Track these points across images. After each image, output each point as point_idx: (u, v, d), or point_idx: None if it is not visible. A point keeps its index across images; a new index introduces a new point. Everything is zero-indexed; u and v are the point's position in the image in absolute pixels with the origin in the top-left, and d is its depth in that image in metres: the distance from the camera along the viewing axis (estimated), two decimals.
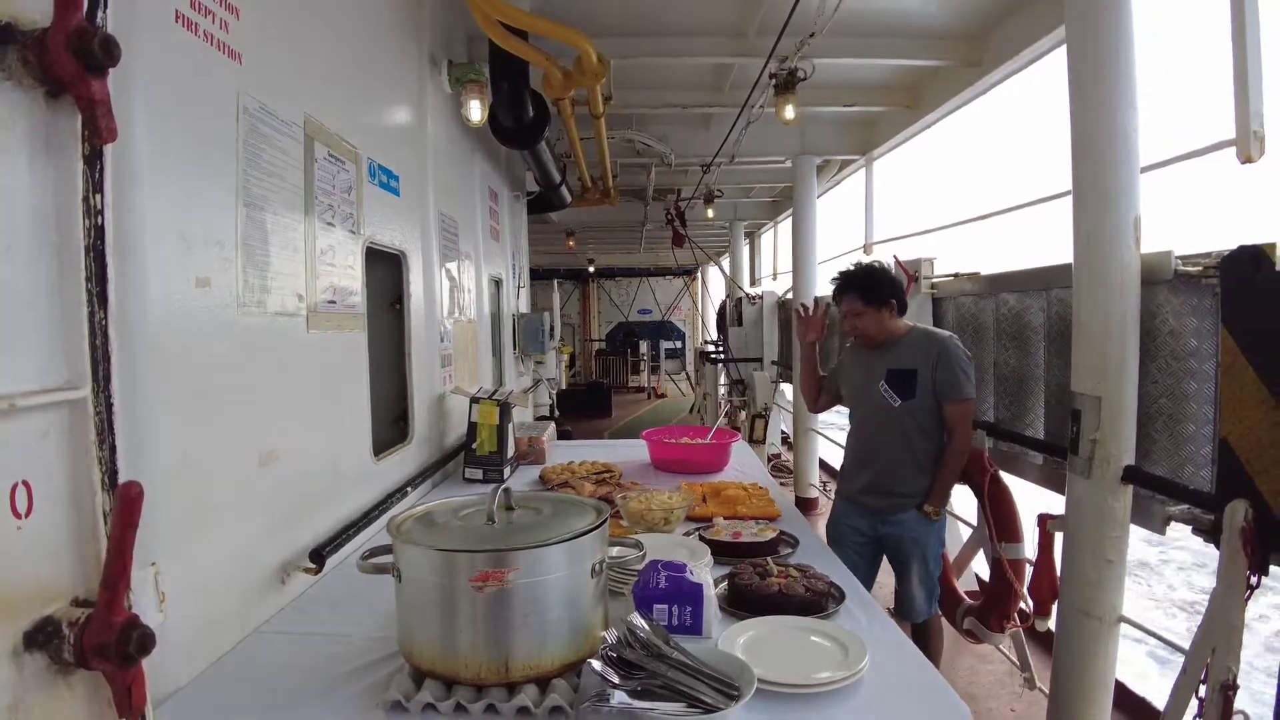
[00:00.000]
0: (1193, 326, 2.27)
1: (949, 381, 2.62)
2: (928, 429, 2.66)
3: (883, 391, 2.67)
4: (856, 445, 2.79)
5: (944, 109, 4.22)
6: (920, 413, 2.65)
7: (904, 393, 2.64)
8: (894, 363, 2.68)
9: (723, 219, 8.77)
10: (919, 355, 2.65)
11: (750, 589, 1.72)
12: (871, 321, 2.68)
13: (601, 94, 3.58)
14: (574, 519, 1.48)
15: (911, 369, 2.65)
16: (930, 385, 2.62)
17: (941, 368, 2.61)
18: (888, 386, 2.66)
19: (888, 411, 2.67)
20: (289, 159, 1.91)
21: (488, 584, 1.32)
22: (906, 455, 2.66)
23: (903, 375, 2.66)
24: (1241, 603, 1.88)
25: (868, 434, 2.74)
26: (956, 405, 2.63)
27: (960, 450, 2.66)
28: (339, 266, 2.23)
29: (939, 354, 2.62)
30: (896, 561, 2.76)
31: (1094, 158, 2.27)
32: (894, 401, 2.65)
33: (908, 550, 2.70)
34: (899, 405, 2.65)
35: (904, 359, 2.67)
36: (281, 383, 1.89)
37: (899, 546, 2.72)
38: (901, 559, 2.73)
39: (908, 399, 2.64)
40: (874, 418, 2.71)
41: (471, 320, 3.82)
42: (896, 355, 2.69)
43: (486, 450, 3.02)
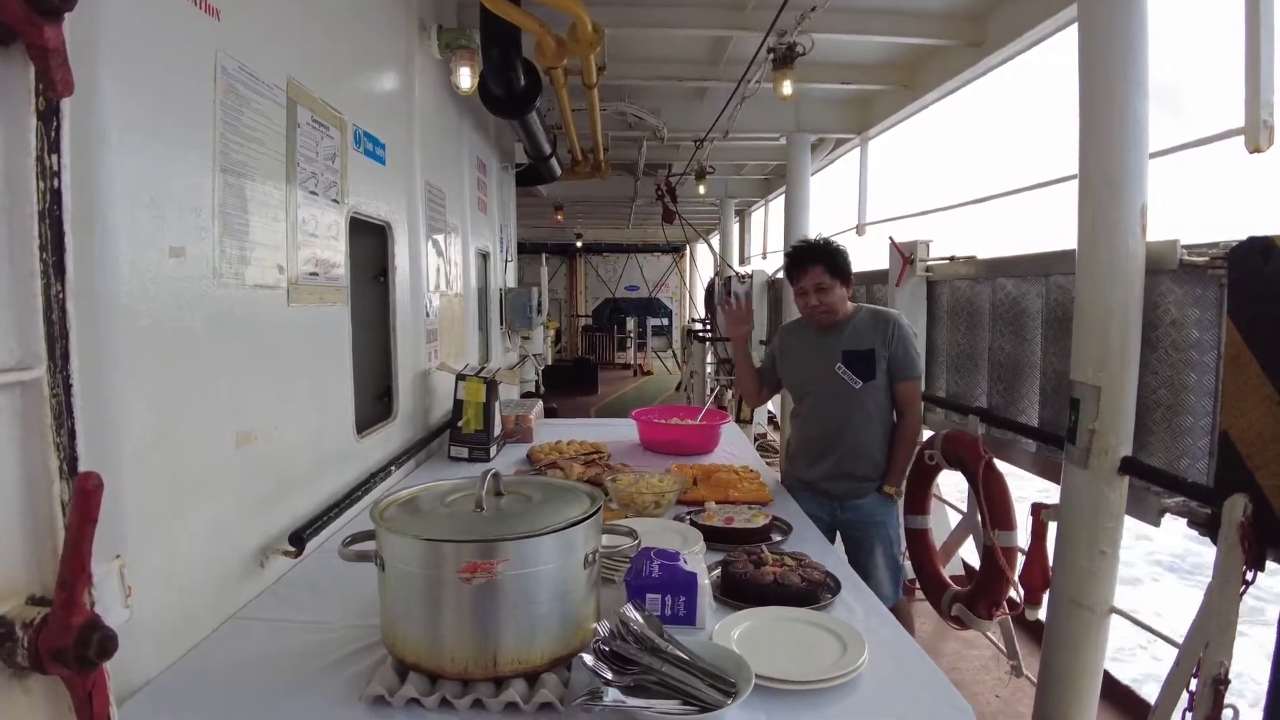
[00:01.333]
0: (1195, 317, 2.23)
1: (903, 360, 2.58)
2: (885, 410, 2.63)
3: (841, 374, 2.60)
4: (815, 432, 2.70)
5: (942, 89, 4.14)
6: (879, 393, 2.61)
7: (864, 374, 2.59)
8: (848, 344, 2.61)
9: (713, 196, 8.67)
10: (873, 334, 2.60)
11: (745, 578, 1.68)
12: (839, 298, 2.61)
13: (595, 64, 3.48)
14: (566, 506, 1.43)
15: (869, 349, 2.59)
16: (886, 365, 2.58)
17: (896, 345, 2.57)
18: (846, 368, 2.60)
19: (848, 394, 2.60)
20: (270, 123, 1.82)
21: (476, 575, 1.26)
22: (869, 437, 2.62)
23: (861, 356, 2.59)
24: (1236, 597, 1.86)
25: (828, 419, 2.66)
26: (909, 383, 2.59)
27: (914, 428, 2.63)
28: (322, 237, 2.14)
29: (894, 332, 2.58)
30: (858, 548, 2.71)
31: (1102, 142, 2.22)
32: (855, 384, 2.59)
33: (870, 534, 2.67)
34: (860, 387, 2.59)
35: (859, 339, 2.61)
36: (261, 359, 1.81)
37: (860, 532, 2.68)
38: (865, 543, 2.69)
39: (868, 380, 2.58)
40: (834, 401, 2.64)
41: (458, 294, 3.74)
42: (849, 336, 2.62)
43: (472, 429, 2.95)
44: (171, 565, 1.46)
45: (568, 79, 3.68)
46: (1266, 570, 1.88)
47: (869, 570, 2.71)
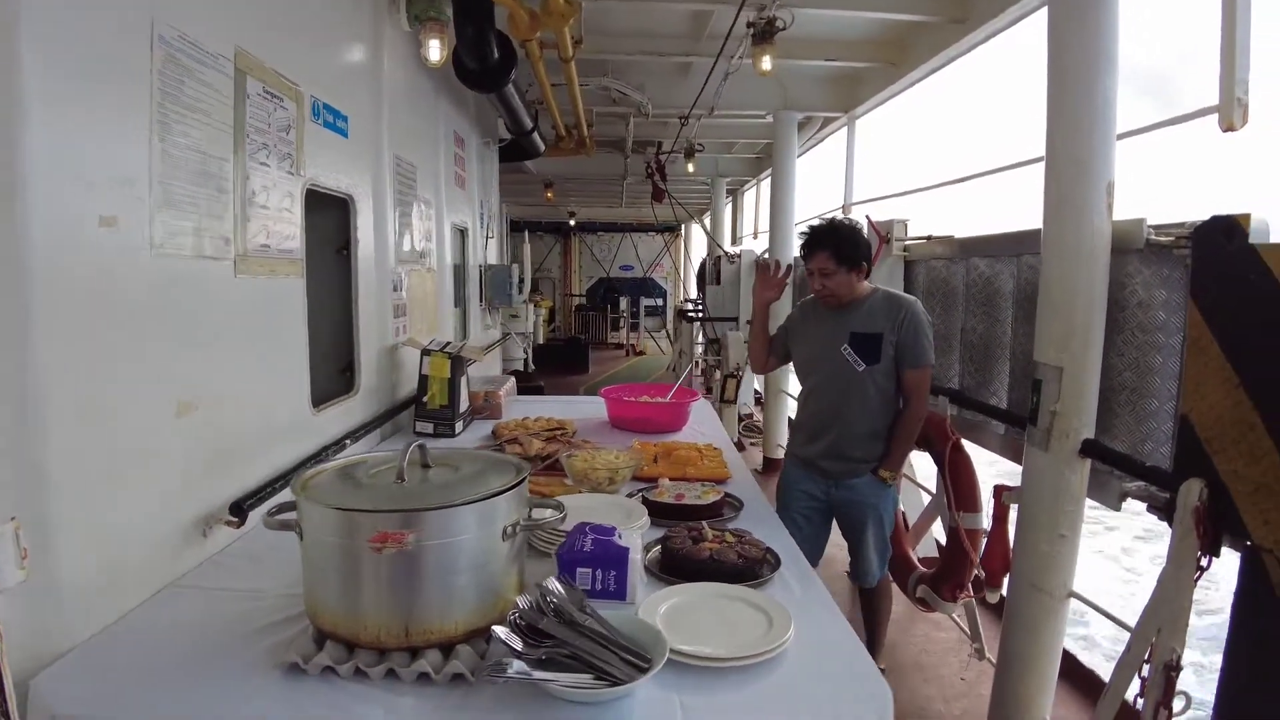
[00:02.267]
0: (1162, 298, 2.19)
1: (912, 346, 2.54)
2: (889, 394, 2.60)
3: (846, 355, 2.58)
4: (816, 409, 2.70)
5: (928, 66, 4.06)
6: (883, 377, 2.57)
7: (868, 357, 2.56)
8: (858, 325, 2.59)
9: (704, 175, 8.57)
10: (884, 319, 2.56)
11: (681, 554, 1.66)
12: (842, 283, 2.57)
13: (571, 37, 3.41)
14: (492, 479, 1.41)
15: (877, 333, 2.56)
16: (894, 350, 2.55)
17: (906, 331, 2.53)
18: (851, 350, 2.57)
19: (850, 375, 2.58)
20: (215, 94, 1.80)
21: (386, 545, 1.26)
22: (867, 420, 2.59)
23: (867, 339, 2.57)
24: (1190, 583, 1.83)
25: (828, 398, 2.65)
26: (917, 371, 2.56)
27: (917, 416, 2.60)
28: (274, 209, 2.12)
29: (905, 318, 2.54)
30: (850, 526, 2.71)
31: (1068, 118, 2.16)
32: (858, 366, 2.56)
33: (862, 514, 2.65)
34: (863, 369, 2.56)
35: (869, 322, 2.58)
36: (204, 330, 1.79)
37: (853, 511, 2.67)
38: (856, 524, 2.68)
39: (872, 363, 2.56)
40: (835, 381, 2.62)
41: (431, 270, 3.70)
42: (860, 318, 2.59)
43: (437, 404, 2.93)
44: (103, 533, 1.47)
45: (544, 52, 3.61)
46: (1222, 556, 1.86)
47: (858, 549, 2.73)
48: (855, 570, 2.76)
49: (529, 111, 4.71)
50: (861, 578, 2.75)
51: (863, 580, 2.75)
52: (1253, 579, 1.74)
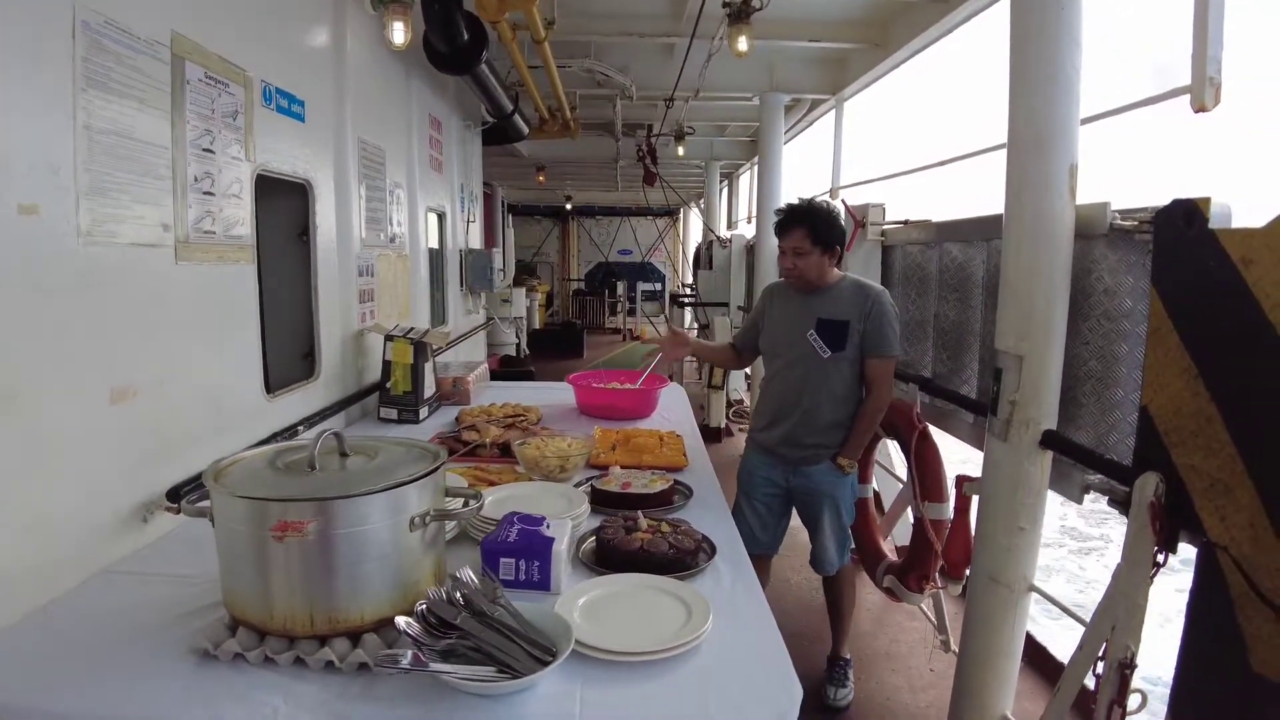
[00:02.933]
0: (1129, 285, 2.13)
1: (878, 335, 2.50)
2: (852, 384, 2.56)
3: (811, 340, 2.54)
4: (778, 394, 2.66)
5: (912, 46, 3.97)
6: (848, 366, 2.54)
7: (834, 344, 2.52)
8: (825, 312, 2.54)
9: (698, 158, 8.48)
10: (852, 306, 2.52)
11: (612, 544, 1.63)
12: (814, 264, 2.53)
13: (541, 17, 3.35)
14: (405, 468, 1.38)
15: (844, 320, 2.52)
16: (860, 338, 2.51)
17: (872, 321, 2.49)
18: (817, 336, 2.53)
19: (814, 362, 2.54)
20: (148, 80, 1.78)
21: (287, 534, 1.25)
22: (829, 408, 2.56)
23: (834, 326, 2.52)
24: (1146, 580, 1.79)
25: (791, 383, 2.61)
26: (881, 360, 2.52)
27: (878, 407, 2.56)
28: (220, 195, 2.10)
29: (873, 307, 2.50)
30: (808, 514, 2.69)
31: (1030, 97, 2.10)
32: (823, 352, 2.52)
33: (819, 502, 2.62)
34: (828, 356, 2.52)
35: (837, 309, 2.54)
36: (141, 317, 1.79)
37: (810, 498, 2.64)
38: (813, 511, 2.65)
39: (838, 350, 2.52)
40: (798, 367, 2.58)
41: (403, 255, 3.66)
42: (829, 304, 2.55)
43: (400, 390, 2.90)
44: (31, 519, 1.48)
45: (517, 34, 3.55)
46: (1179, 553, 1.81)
47: (815, 537, 2.71)
48: (813, 558, 2.73)
49: (509, 94, 4.65)
50: (819, 566, 2.73)
51: (821, 569, 2.73)
52: (1208, 576, 1.69)
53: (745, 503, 2.76)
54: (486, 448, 2.45)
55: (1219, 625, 1.65)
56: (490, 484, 2.09)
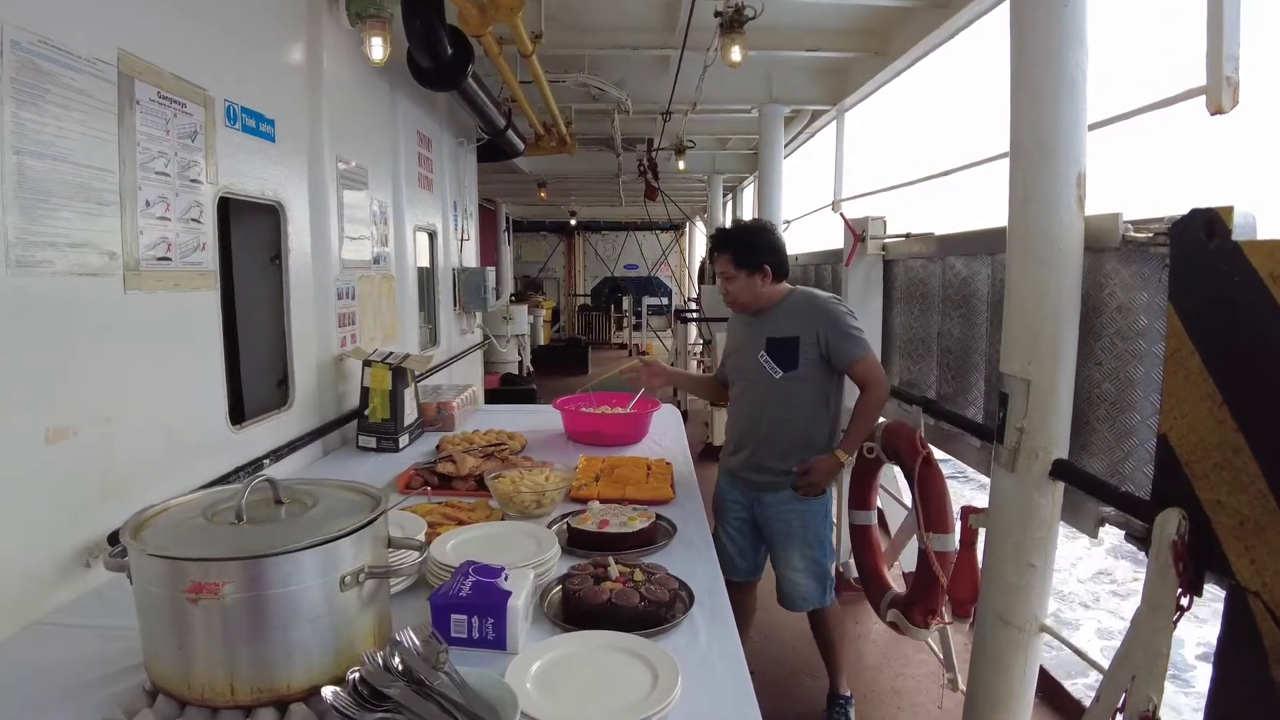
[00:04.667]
0: (1144, 302, 1.97)
1: (841, 347, 2.38)
2: (813, 402, 2.44)
3: (763, 362, 2.43)
4: (739, 418, 2.58)
5: (912, 54, 3.83)
6: (807, 384, 2.42)
7: (785, 363, 2.41)
8: (774, 330, 2.44)
9: (701, 171, 8.37)
10: (800, 322, 2.41)
11: (578, 596, 1.48)
12: (744, 288, 2.44)
13: (527, 30, 3.25)
14: (345, 517, 1.26)
15: (793, 337, 2.41)
16: (817, 353, 2.39)
17: (832, 333, 2.38)
18: (768, 356, 2.43)
19: (769, 384, 2.44)
20: (91, 101, 1.68)
21: (201, 596, 1.12)
22: (787, 432, 2.45)
23: (784, 344, 2.42)
24: (1169, 626, 1.63)
25: (748, 407, 2.53)
26: (856, 365, 2.40)
27: (880, 398, 2.42)
28: (176, 220, 2.00)
29: (823, 320, 2.39)
30: (773, 544, 2.56)
31: (1033, 101, 1.96)
32: (775, 373, 2.42)
33: (780, 531, 2.50)
34: (780, 377, 2.42)
35: (784, 326, 2.43)
36: (84, 350, 1.69)
37: (772, 527, 2.52)
38: (779, 541, 2.53)
39: (789, 369, 2.41)
40: (755, 390, 2.49)
41: (388, 275, 3.56)
42: (776, 323, 2.45)
43: (379, 417, 2.79)
44: None
45: (503, 48, 3.45)
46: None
47: (780, 570, 2.57)
48: (780, 594, 2.59)
49: (501, 110, 4.56)
50: (789, 603, 2.57)
51: (791, 606, 2.57)
52: (1237, 623, 1.53)
53: (720, 529, 2.64)
54: (463, 480, 2.32)
55: (1251, 682, 1.49)
56: (459, 522, 1.96)
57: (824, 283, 4.38)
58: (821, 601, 2.55)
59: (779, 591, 2.60)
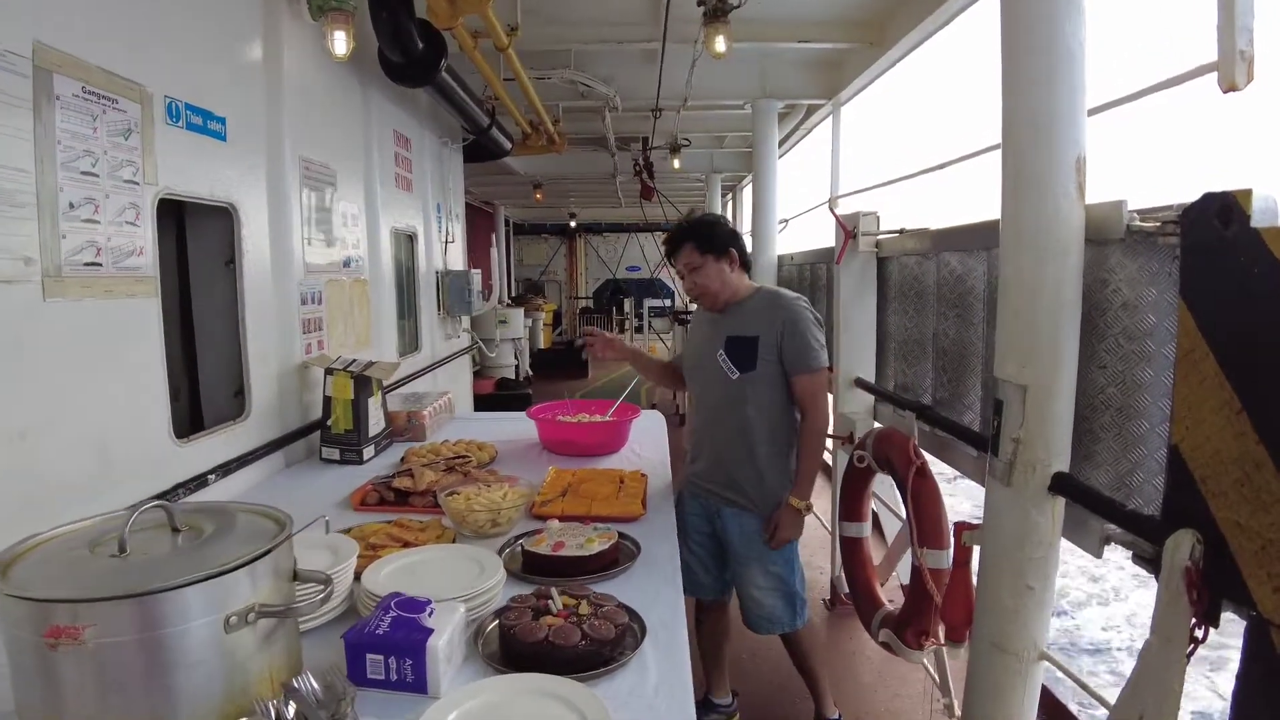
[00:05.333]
0: (1151, 299, 1.79)
1: (797, 350, 2.24)
2: (770, 409, 2.29)
3: (720, 361, 2.30)
4: (698, 423, 2.45)
5: (908, 42, 3.65)
6: (764, 388, 2.28)
7: (743, 363, 2.27)
8: (734, 329, 2.30)
9: (698, 170, 8.20)
10: (762, 320, 2.28)
11: (513, 634, 1.33)
12: (713, 274, 2.30)
13: (500, 23, 3.10)
14: (236, 548, 1.11)
15: (752, 336, 2.27)
16: (775, 354, 2.25)
17: (788, 335, 2.24)
18: (726, 355, 2.29)
19: (725, 384, 2.30)
20: (1, 96, 1.56)
21: (60, 641, 0.98)
22: (743, 438, 2.30)
23: (743, 343, 2.28)
24: (1182, 660, 1.45)
25: (704, 410, 2.41)
26: (806, 376, 2.25)
27: (818, 429, 2.28)
28: (108, 223, 1.87)
29: (785, 319, 2.25)
30: (733, 560, 2.41)
31: (1026, 77, 1.78)
32: (731, 374, 2.28)
33: (741, 546, 2.36)
34: (737, 378, 2.28)
35: (746, 324, 2.29)
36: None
37: (732, 543, 2.38)
38: (737, 557, 2.38)
39: (747, 370, 2.27)
40: (712, 391, 2.35)
41: (359, 279, 3.42)
42: (738, 320, 2.31)
43: (342, 428, 2.65)
44: None
45: (478, 42, 3.31)
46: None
47: (741, 589, 2.42)
48: (745, 615, 2.44)
49: (484, 108, 4.42)
50: (754, 625, 2.41)
51: (756, 628, 2.41)
52: (1259, 657, 1.36)
53: (683, 545, 2.47)
54: (421, 496, 2.18)
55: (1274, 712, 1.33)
56: (406, 544, 1.81)
57: (817, 282, 4.22)
58: (791, 624, 2.39)
59: (743, 613, 2.44)
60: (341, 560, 1.53)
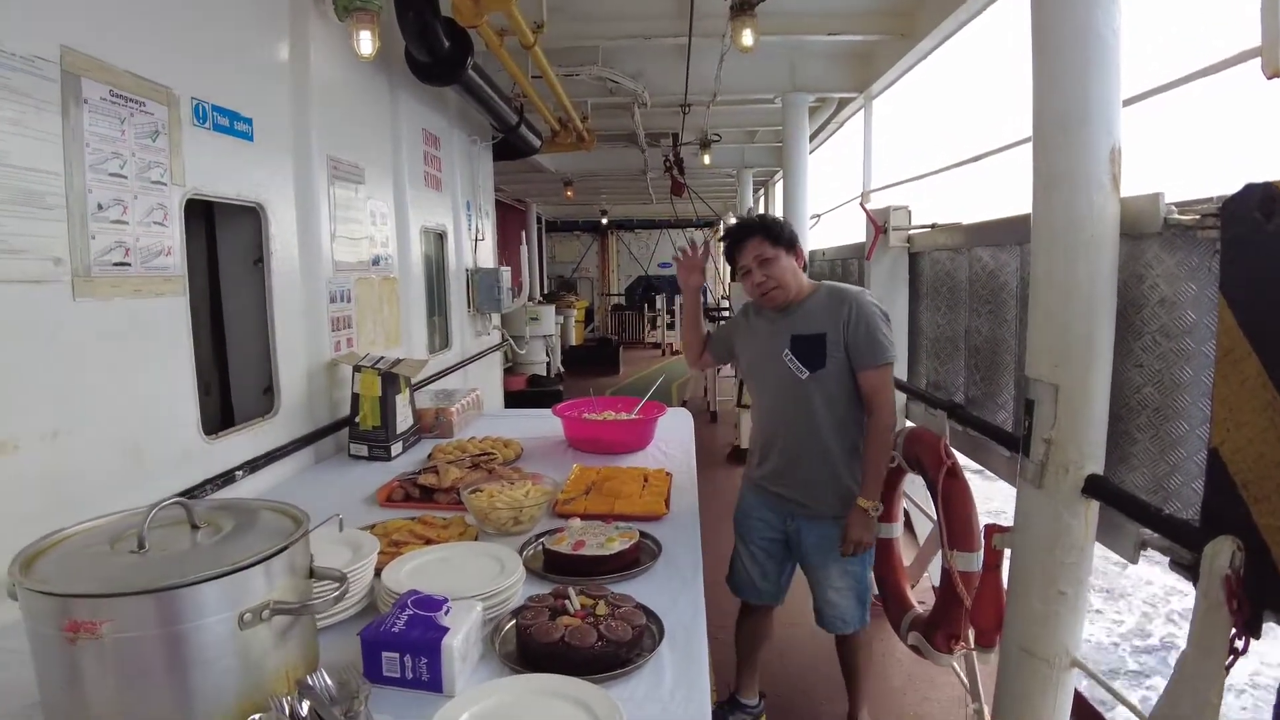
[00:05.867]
0: (1191, 295, 1.73)
1: (866, 343, 2.16)
2: (841, 407, 2.22)
3: (787, 361, 2.22)
4: (765, 425, 2.36)
5: (941, 32, 3.58)
6: (834, 386, 2.21)
7: (811, 362, 2.19)
8: (799, 327, 2.22)
9: (729, 166, 8.14)
10: (827, 316, 2.20)
11: (529, 634, 1.33)
12: (786, 268, 2.22)
13: (526, 20, 3.11)
14: (254, 545, 1.13)
15: (819, 333, 2.19)
16: (843, 350, 2.18)
17: (856, 327, 2.16)
18: (793, 355, 2.22)
19: (794, 386, 2.22)
20: (28, 101, 1.60)
21: (79, 635, 1.00)
22: (816, 438, 2.23)
23: (810, 341, 2.20)
24: (1220, 671, 1.40)
25: (772, 413, 2.32)
26: (875, 371, 2.17)
27: (886, 426, 2.20)
28: (136, 223, 1.91)
29: (852, 312, 2.17)
30: (810, 565, 2.35)
31: (1057, 65, 1.73)
32: (801, 374, 2.20)
33: (820, 549, 2.29)
34: (806, 377, 2.20)
35: (811, 322, 2.22)
36: (25, 362, 1.60)
37: (807, 546, 2.32)
38: (813, 558, 2.32)
39: (817, 369, 2.19)
40: (779, 394, 2.27)
41: (388, 277, 3.46)
42: (802, 318, 2.23)
43: (369, 424, 2.68)
44: None
45: (504, 40, 3.32)
46: None
47: (818, 590, 2.36)
48: (819, 615, 2.38)
49: (512, 106, 4.43)
50: (828, 624, 2.37)
51: (830, 627, 2.37)
52: None
53: (742, 548, 2.44)
54: (445, 493, 2.19)
55: None
56: (428, 541, 1.82)
57: (849, 278, 4.16)
58: (861, 622, 2.35)
59: (817, 613, 2.39)
60: (362, 557, 1.54)
